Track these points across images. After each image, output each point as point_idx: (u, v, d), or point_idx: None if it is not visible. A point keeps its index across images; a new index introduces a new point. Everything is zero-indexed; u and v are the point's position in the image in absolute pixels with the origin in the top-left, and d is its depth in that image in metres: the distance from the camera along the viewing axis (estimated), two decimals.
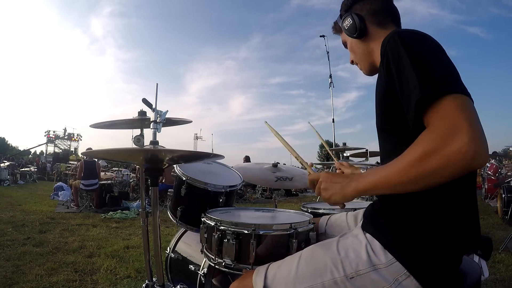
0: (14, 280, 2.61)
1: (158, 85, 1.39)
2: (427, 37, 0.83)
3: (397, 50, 0.79)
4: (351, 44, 1.10)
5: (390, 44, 0.81)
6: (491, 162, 8.52)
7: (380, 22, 1.03)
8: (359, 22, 1.02)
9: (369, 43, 1.05)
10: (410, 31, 0.85)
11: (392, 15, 1.05)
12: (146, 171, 1.34)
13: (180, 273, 1.77)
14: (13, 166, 15.48)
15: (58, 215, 6.07)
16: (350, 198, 0.84)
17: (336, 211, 1.71)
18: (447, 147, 0.65)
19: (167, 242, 1.90)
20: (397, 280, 0.81)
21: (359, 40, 1.06)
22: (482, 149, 0.64)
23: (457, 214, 0.83)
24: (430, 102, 0.71)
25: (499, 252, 3.34)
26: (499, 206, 5.67)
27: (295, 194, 11.23)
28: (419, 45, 0.79)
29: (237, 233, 1.13)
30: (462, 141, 0.63)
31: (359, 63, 1.11)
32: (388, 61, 0.82)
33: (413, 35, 0.82)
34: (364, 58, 1.08)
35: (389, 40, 0.83)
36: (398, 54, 0.78)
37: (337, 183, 0.86)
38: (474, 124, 0.65)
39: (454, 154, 0.64)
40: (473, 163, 0.64)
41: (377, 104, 0.93)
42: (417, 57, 0.76)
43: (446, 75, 0.73)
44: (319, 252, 0.94)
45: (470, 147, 0.63)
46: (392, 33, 0.84)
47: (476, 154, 0.63)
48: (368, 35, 1.04)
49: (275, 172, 1.89)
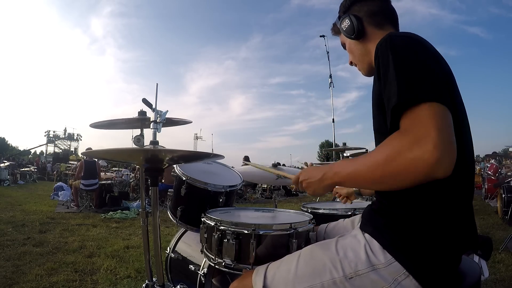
0: (14, 280, 2.61)
1: (158, 85, 1.39)
2: (419, 43, 0.83)
3: (386, 54, 0.80)
4: (350, 45, 1.11)
5: (382, 47, 0.83)
6: (491, 162, 8.53)
7: (377, 24, 1.04)
8: (357, 23, 1.02)
9: (366, 44, 1.05)
10: (403, 35, 0.85)
11: (390, 16, 1.06)
12: (146, 171, 1.34)
13: (180, 273, 1.77)
14: (13, 166, 15.48)
15: (58, 215, 6.07)
16: (330, 188, 0.90)
17: (337, 211, 1.71)
18: (411, 152, 0.67)
19: (167, 242, 1.90)
20: (396, 280, 0.81)
21: (357, 41, 1.07)
22: (447, 158, 0.65)
23: (455, 214, 0.83)
24: (406, 108, 0.72)
25: (499, 252, 3.34)
26: (499, 206, 5.67)
27: (295, 194, 11.23)
28: (407, 51, 0.80)
29: (237, 233, 1.13)
30: (426, 149, 0.65)
31: (358, 64, 1.12)
32: (378, 65, 0.83)
33: (404, 40, 0.83)
34: (362, 59, 1.09)
35: (381, 44, 0.84)
36: (386, 59, 0.80)
37: (315, 178, 0.90)
38: (443, 133, 0.66)
39: (416, 160, 0.66)
40: (435, 171, 0.65)
41: (373, 105, 0.94)
42: (401, 64, 0.77)
43: (426, 83, 0.74)
44: (318, 252, 0.94)
45: (433, 155, 0.64)
46: (386, 36, 0.85)
47: (438, 163, 0.64)
48: (365, 36, 1.04)
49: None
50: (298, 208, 1.70)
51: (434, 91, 0.73)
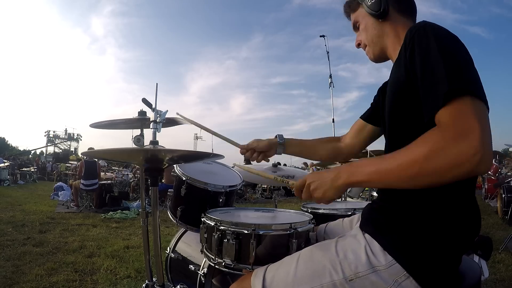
0: (14, 280, 2.61)
1: (158, 85, 1.39)
2: (459, 39, 0.80)
3: (426, 40, 0.77)
4: (367, 23, 1.06)
5: (420, 33, 0.79)
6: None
7: (402, 10, 1.02)
8: (385, 1, 1.00)
9: (385, 26, 1.02)
10: (442, 27, 0.81)
11: (413, 8, 1.05)
12: (146, 171, 1.34)
13: (180, 273, 1.77)
14: (13, 166, 15.48)
15: (58, 215, 6.07)
16: (344, 189, 0.82)
17: (337, 211, 1.71)
18: (456, 147, 0.63)
19: (167, 242, 1.90)
20: (397, 281, 0.80)
21: (377, 21, 1.03)
22: (489, 156, 0.63)
23: (457, 214, 0.83)
24: (450, 99, 0.68)
25: (499, 252, 3.34)
26: (499, 206, 5.68)
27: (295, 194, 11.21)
28: (451, 42, 0.77)
29: (237, 233, 1.12)
30: (472, 144, 0.62)
31: (369, 45, 1.08)
32: (413, 49, 0.79)
33: (446, 32, 0.80)
34: (376, 41, 1.05)
35: (418, 29, 0.80)
36: (427, 45, 0.76)
37: (327, 178, 0.84)
38: (485, 130, 0.64)
39: (461, 156, 0.63)
40: (478, 167, 0.63)
41: (391, 92, 0.91)
42: (447, 52, 0.73)
43: (472, 77, 0.72)
44: (318, 253, 0.93)
45: (479, 152, 0.62)
46: (421, 23, 0.82)
47: (482, 160, 0.62)
48: (387, 18, 1.01)
49: (276, 172, 1.88)
50: (298, 208, 1.70)
51: (479, 87, 0.71)
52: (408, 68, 0.81)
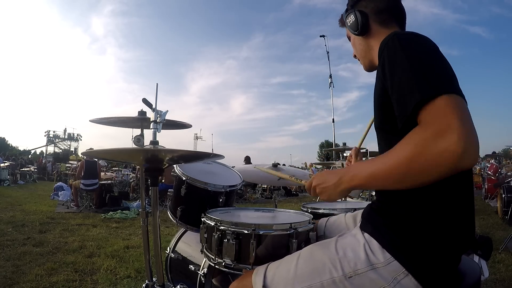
0: (14, 280, 2.61)
1: (158, 85, 1.39)
2: (424, 39, 0.83)
3: (394, 52, 0.80)
4: (353, 40, 1.13)
5: (388, 45, 0.82)
6: (491, 162, 8.53)
7: (383, 21, 1.04)
8: (361, 19, 1.03)
9: (370, 40, 1.06)
10: (408, 33, 0.86)
11: (397, 15, 1.06)
12: (146, 171, 1.34)
13: (180, 273, 1.77)
14: (13, 166, 15.47)
15: (58, 215, 6.07)
16: (346, 193, 0.87)
17: (337, 211, 1.71)
18: (436, 146, 0.65)
19: (167, 242, 1.90)
20: (396, 279, 0.81)
21: (361, 37, 1.08)
22: (472, 148, 0.64)
23: (455, 213, 0.83)
24: (424, 103, 0.71)
25: (499, 252, 3.34)
26: (499, 206, 5.67)
27: (295, 194, 11.23)
28: (416, 47, 0.80)
29: (237, 233, 1.13)
30: (452, 140, 0.63)
31: (360, 59, 1.14)
32: (384, 62, 0.83)
33: (411, 37, 0.83)
34: (364, 55, 1.10)
35: (387, 42, 0.84)
36: (394, 56, 0.80)
37: (330, 183, 0.88)
38: (465, 123, 0.65)
39: (442, 153, 0.64)
40: (461, 162, 0.64)
41: (375, 103, 0.94)
42: (414, 60, 0.77)
43: (441, 76, 0.74)
44: (318, 251, 0.94)
45: (459, 146, 0.63)
46: (391, 34, 0.85)
47: (465, 154, 0.63)
48: (369, 33, 1.05)
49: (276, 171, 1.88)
50: (298, 208, 1.70)
51: (450, 83, 0.73)
52: (383, 80, 0.84)
